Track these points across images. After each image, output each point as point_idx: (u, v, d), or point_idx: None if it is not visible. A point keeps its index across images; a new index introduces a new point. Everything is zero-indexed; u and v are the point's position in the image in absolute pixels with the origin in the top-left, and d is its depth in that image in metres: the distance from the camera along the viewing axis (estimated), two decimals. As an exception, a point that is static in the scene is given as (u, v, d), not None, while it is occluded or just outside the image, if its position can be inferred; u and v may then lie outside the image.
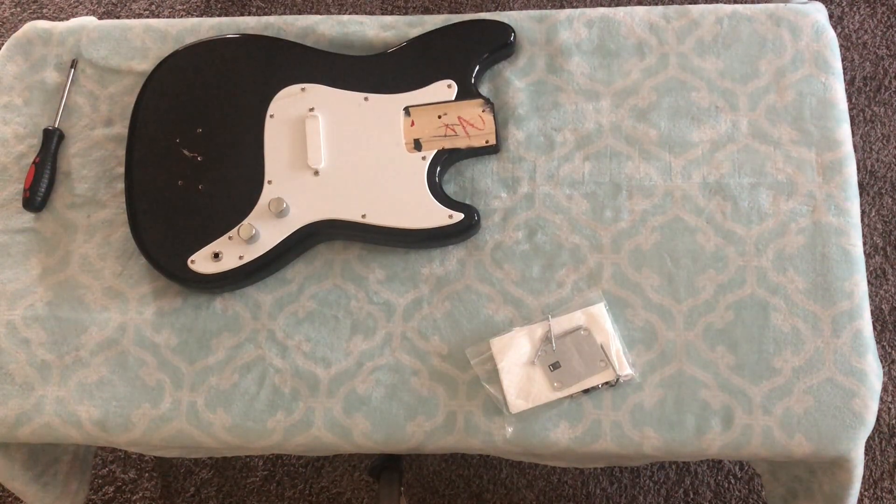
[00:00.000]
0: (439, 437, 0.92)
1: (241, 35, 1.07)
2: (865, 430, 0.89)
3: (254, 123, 1.02)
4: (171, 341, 0.97)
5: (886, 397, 1.49)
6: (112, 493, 1.54)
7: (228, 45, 1.06)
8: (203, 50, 1.06)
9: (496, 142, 1.00)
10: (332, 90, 1.02)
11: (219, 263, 0.97)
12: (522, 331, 0.94)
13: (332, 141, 1.00)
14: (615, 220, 0.98)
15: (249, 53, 1.05)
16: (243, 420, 0.94)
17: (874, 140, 1.68)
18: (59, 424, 0.96)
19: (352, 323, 0.97)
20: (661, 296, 0.94)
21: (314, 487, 1.52)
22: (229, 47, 1.06)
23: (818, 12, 1.05)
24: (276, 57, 1.04)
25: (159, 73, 1.06)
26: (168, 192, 1.00)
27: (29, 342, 0.99)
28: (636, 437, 0.90)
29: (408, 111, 1.01)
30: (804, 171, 0.98)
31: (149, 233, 0.99)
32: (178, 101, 1.04)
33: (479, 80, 1.03)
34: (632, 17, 1.06)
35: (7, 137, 1.08)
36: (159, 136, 1.03)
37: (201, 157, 1.01)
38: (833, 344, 0.91)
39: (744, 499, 1.46)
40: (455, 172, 1.02)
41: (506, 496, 1.49)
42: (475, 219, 0.96)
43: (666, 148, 1.00)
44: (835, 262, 0.94)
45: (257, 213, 0.98)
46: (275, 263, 0.98)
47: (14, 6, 1.96)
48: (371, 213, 0.97)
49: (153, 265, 0.99)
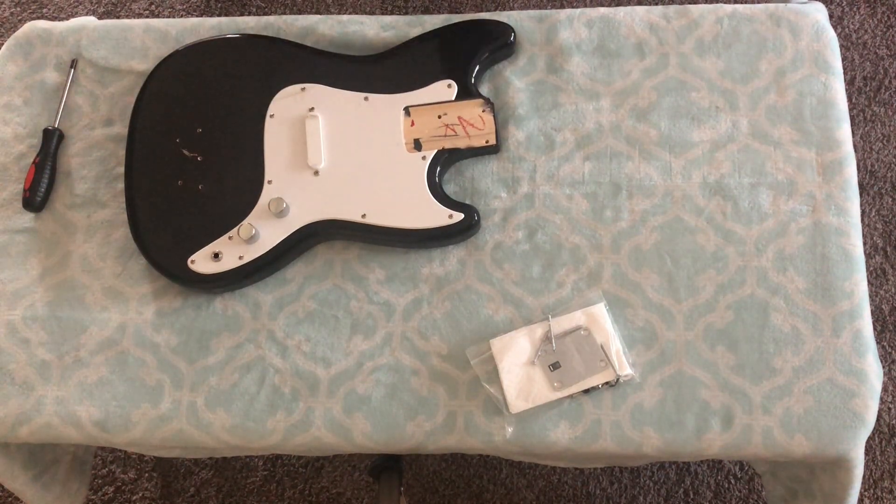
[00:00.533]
0: (439, 438, 0.92)
1: (242, 35, 1.07)
2: (866, 430, 0.89)
3: (254, 123, 1.02)
4: (171, 341, 0.97)
5: (886, 397, 1.49)
6: (112, 493, 1.54)
7: (228, 45, 1.06)
8: (203, 50, 1.06)
9: (496, 142, 1.00)
10: (333, 90, 1.02)
11: (219, 263, 0.97)
12: (522, 331, 0.94)
13: (332, 141, 1.00)
14: (615, 219, 0.98)
15: (249, 53, 1.05)
16: (243, 420, 0.94)
17: (874, 140, 1.68)
18: (59, 424, 0.96)
19: (352, 323, 0.97)
20: (661, 296, 0.94)
21: (314, 487, 1.52)
22: (229, 47, 1.06)
23: (818, 12, 1.05)
24: (276, 57, 1.04)
25: (159, 73, 1.06)
26: (168, 192, 1.00)
27: (29, 342, 0.99)
28: (636, 437, 0.90)
29: (408, 111, 1.01)
30: (804, 171, 0.98)
31: (149, 233, 0.99)
32: (177, 101, 1.04)
33: (479, 80, 1.03)
34: (632, 17, 1.06)
35: (7, 137, 1.08)
36: (159, 135, 1.03)
37: (201, 156, 1.01)
38: (833, 344, 0.91)
39: (744, 499, 1.46)
40: (455, 172, 1.02)
41: (506, 496, 1.49)
42: (475, 219, 0.96)
43: (666, 148, 1.00)
44: (835, 262, 0.94)
45: (257, 213, 0.98)
46: (275, 263, 0.98)
47: (14, 6, 1.96)
48: (371, 213, 0.97)
49: (153, 265, 0.99)
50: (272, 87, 1.03)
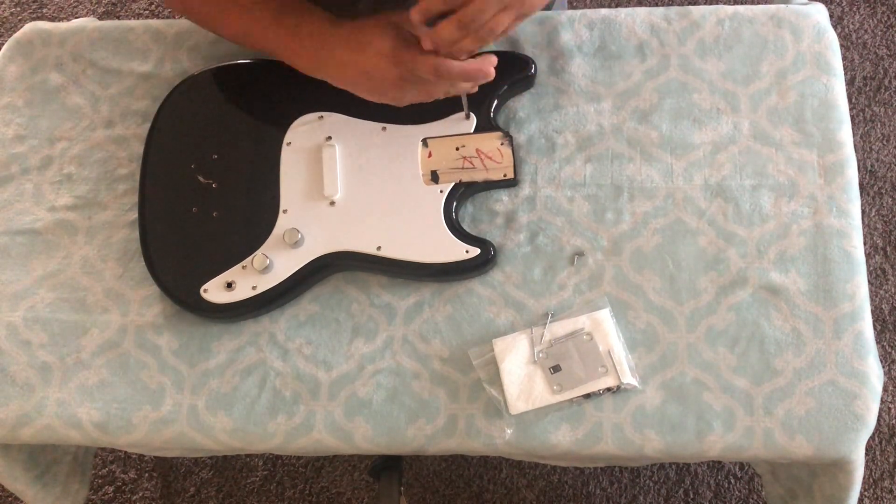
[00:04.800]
0: (440, 440, 0.92)
1: (259, 60, 1.05)
2: (866, 431, 0.89)
3: (270, 151, 1.00)
4: (172, 344, 0.97)
5: (886, 397, 1.49)
6: (112, 493, 1.54)
7: (245, 70, 1.05)
8: (219, 75, 1.05)
9: (514, 175, 0.99)
10: (351, 119, 1.01)
11: (232, 293, 0.95)
12: (524, 332, 0.93)
13: (348, 171, 0.99)
14: (616, 222, 0.98)
15: (267, 79, 1.03)
16: (244, 423, 0.94)
17: (874, 140, 1.68)
18: (60, 426, 0.96)
19: (353, 326, 0.96)
20: (662, 298, 0.94)
21: (314, 487, 1.52)
22: (246, 72, 1.04)
23: (819, 13, 1.05)
24: (294, 83, 1.00)
25: (174, 97, 1.04)
26: (182, 218, 0.99)
27: (30, 344, 0.99)
28: (637, 439, 0.90)
29: (426, 142, 1.00)
30: (805, 172, 0.98)
31: (161, 260, 0.98)
32: (193, 126, 1.03)
33: (497, 113, 1.02)
34: (633, 18, 1.06)
35: (8, 138, 1.08)
36: (174, 161, 1.01)
37: (216, 183, 1.00)
38: (834, 346, 0.91)
39: (744, 499, 1.46)
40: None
41: (506, 496, 1.49)
42: (491, 254, 0.95)
43: (667, 150, 1.00)
44: (836, 263, 0.94)
45: (272, 242, 0.96)
46: (288, 294, 0.96)
47: (14, 6, 1.95)
48: (386, 246, 0.95)
49: (165, 293, 0.97)
50: (290, 115, 1.01)
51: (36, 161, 1.07)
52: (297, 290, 0.97)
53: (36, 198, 1.05)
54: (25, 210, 1.05)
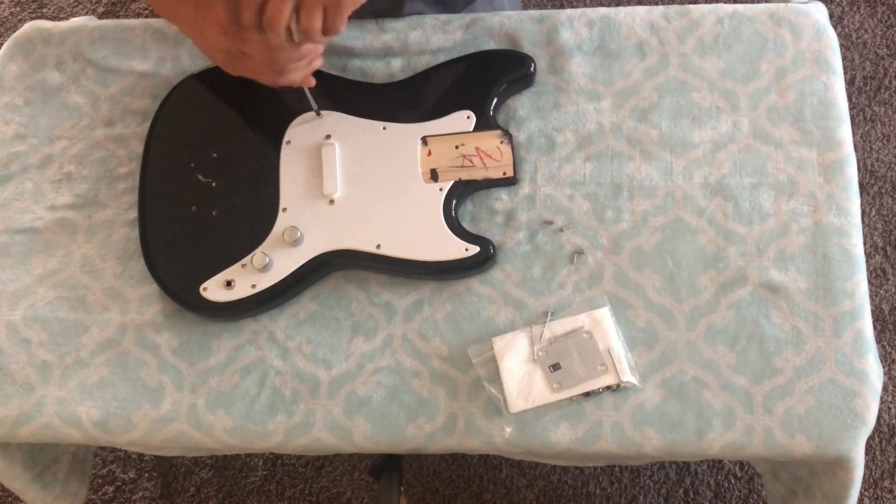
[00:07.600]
0: (440, 439, 0.92)
1: None
2: (866, 430, 0.89)
3: (270, 149, 1.00)
4: (172, 342, 0.97)
5: (886, 397, 1.49)
6: (112, 493, 1.54)
7: None
8: (219, 74, 1.03)
9: (514, 174, 0.99)
10: (350, 117, 1.01)
11: (231, 292, 0.95)
12: (524, 330, 0.93)
13: (348, 169, 0.99)
14: (616, 220, 0.98)
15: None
16: (244, 422, 0.94)
17: (874, 140, 1.68)
18: (60, 425, 0.96)
19: (352, 324, 0.96)
20: (662, 296, 0.94)
21: (314, 487, 1.52)
22: None
23: (819, 12, 1.05)
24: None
25: (174, 97, 1.04)
26: (182, 217, 0.99)
27: (29, 342, 0.99)
28: (637, 437, 0.90)
29: (425, 141, 1.00)
30: (805, 171, 0.98)
31: (161, 258, 0.98)
32: (193, 126, 1.03)
33: (497, 111, 1.02)
34: (632, 17, 1.06)
35: (8, 137, 1.08)
36: (174, 160, 1.01)
37: (216, 182, 1.00)
38: (834, 344, 0.91)
39: (744, 499, 1.46)
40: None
41: (506, 496, 1.49)
42: (490, 252, 0.95)
43: (667, 148, 1.00)
44: (836, 262, 0.94)
45: (271, 240, 0.97)
46: (287, 293, 0.96)
47: (14, 6, 1.96)
48: (386, 244, 0.95)
49: (165, 291, 0.97)
50: (289, 113, 1.02)
51: (36, 160, 1.07)
52: (297, 288, 0.97)
53: (36, 196, 1.05)
54: (25, 209, 1.05)
